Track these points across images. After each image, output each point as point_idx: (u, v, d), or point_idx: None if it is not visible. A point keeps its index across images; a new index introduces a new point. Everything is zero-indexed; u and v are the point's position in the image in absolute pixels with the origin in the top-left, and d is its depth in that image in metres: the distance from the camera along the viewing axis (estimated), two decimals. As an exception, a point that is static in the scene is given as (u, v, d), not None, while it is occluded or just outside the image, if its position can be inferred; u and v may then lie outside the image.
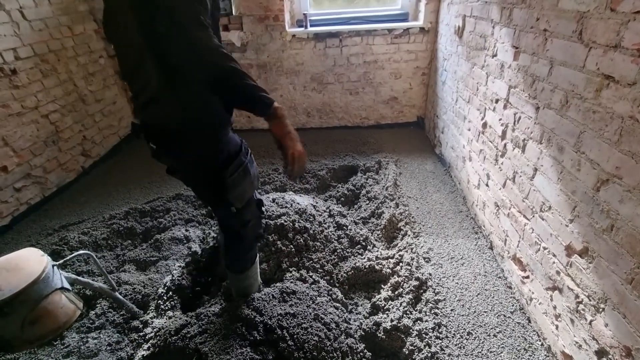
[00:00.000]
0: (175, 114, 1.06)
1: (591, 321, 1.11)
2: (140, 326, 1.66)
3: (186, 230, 2.27)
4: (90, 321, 1.68)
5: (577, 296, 1.18)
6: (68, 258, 1.38)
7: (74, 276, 1.42)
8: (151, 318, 1.68)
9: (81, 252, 1.41)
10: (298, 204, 2.10)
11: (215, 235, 2.18)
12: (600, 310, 1.07)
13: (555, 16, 1.25)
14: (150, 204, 2.52)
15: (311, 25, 3.17)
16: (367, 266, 1.81)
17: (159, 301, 1.74)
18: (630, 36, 0.93)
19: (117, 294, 1.60)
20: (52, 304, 1.25)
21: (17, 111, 2.40)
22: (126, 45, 1.04)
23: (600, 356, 1.07)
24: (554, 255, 1.30)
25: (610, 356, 1.03)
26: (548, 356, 1.37)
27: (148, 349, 1.50)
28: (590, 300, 1.11)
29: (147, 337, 1.58)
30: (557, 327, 1.30)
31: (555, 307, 1.31)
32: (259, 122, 3.51)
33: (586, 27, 1.09)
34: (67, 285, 1.35)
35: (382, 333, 1.50)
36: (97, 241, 2.15)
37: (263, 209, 1.40)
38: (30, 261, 1.25)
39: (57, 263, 1.32)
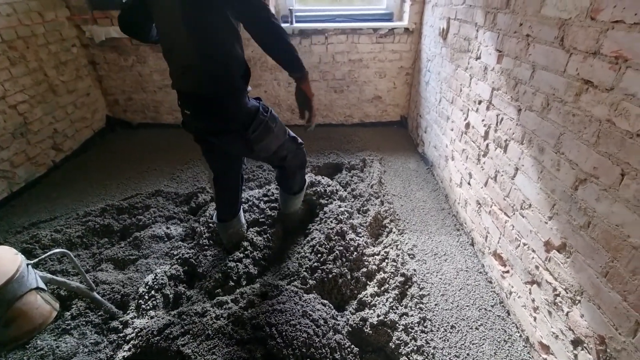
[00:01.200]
0: (211, 85, 1.27)
1: (568, 312, 1.17)
2: (120, 327, 1.59)
3: (167, 228, 2.21)
4: (66, 322, 1.60)
5: (554, 289, 1.24)
6: (43, 257, 1.31)
7: (49, 276, 1.35)
8: (132, 318, 1.62)
9: (57, 250, 1.34)
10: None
11: (211, 213, 2.11)
12: (577, 302, 1.13)
13: (538, 22, 1.31)
14: (128, 201, 2.42)
15: (297, 22, 3.14)
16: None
17: (140, 301, 1.68)
18: (608, 44, 0.98)
19: (95, 293, 1.54)
20: (27, 304, 1.18)
21: (-19, 100, 2.24)
22: (167, 20, 1.24)
23: (575, 345, 1.14)
24: (533, 251, 1.37)
25: (585, 345, 1.10)
26: (526, 347, 1.44)
27: (129, 349, 1.45)
28: (567, 293, 1.18)
29: (127, 338, 1.52)
30: (535, 319, 1.37)
31: (533, 300, 1.38)
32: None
33: (567, 33, 1.15)
34: (42, 285, 1.28)
35: (369, 328, 1.52)
36: (71, 239, 2.05)
37: (299, 141, 1.70)
38: (3, 260, 1.17)
39: (32, 262, 1.25)
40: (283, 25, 3.15)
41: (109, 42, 3.21)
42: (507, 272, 1.57)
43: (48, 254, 1.31)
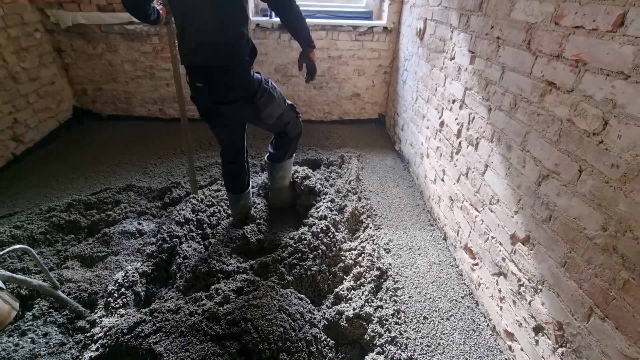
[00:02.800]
0: (226, 57, 1.47)
1: (530, 301, 1.25)
2: (87, 326, 1.53)
3: (139, 224, 2.13)
4: (27, 323, 1.51)
5: (519, 280, 1.31)
6: (1, 253, 1.22)
7: (8, 273, 1.27)
8: (100, 317, 1.56)
9: (17, 246, 1.27)
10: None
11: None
12: (539, 291, 1.20)
13: (508, 25, 1.37)
14: (96, 196, 2.32)
15: (276, 16, 3.10)
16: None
17: (109, 299, 1.61)
18: (570, 48, 1.05)
19: (59, 292, 1.47)
20: (-19, 304, 1.11)
21: None
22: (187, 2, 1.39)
23: (537, 332, 1.21)
24: (501, 244, 1.44)
25: (545, 331, 1.17)
26: (493, 335, 1.51)
27: (97, 349, 1.39)
28: (530, 283, 1.25)
29: (95, 338, 1.46)
30: (501, 308, 1.44)
31: (500, 291, 1.45)
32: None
33: (534, 37, 1.21)
34: (0, 284, 1.20)
35: (345, 321, 1.54)
36: (33, 235, 1.94)
37: (297, 109, 1.90)
38: (-46, 257, 1.09)
39: (-12, 259, 1.17)
40: (262, 18, 3.12)
41: (75, 29, 3.04)
42: (477, 264, 1.65)
43: (7, 250, 1.24)
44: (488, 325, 1.55)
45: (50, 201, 2.27)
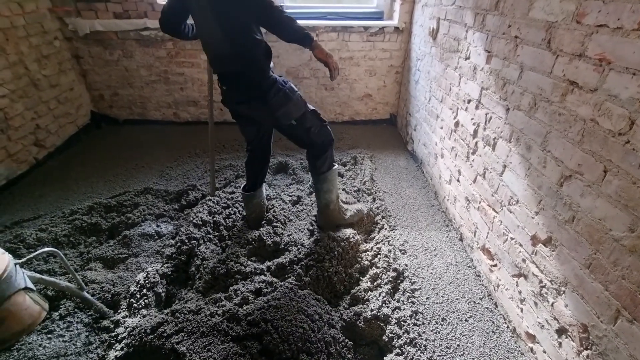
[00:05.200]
0: (240, 64, 1.60)
1: (553, 303, 1.23)
2: (112, 326, 1.57)
3: (157, 226, 2.18)
4: (55, 323, 1.56)
5: (540, 281, 1.30)
6: (32, 255, 1.27)
7: (38, 275, 1.31)
8: (123, 317, 1.60)
9: (46, 249, 1.31)
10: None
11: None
12: (561, 292, 1.19)
13: (526, 24, 1.36)
14: (116, 199, 2.38)
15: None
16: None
17: (132, 299, 1.66)
18: (593, 47, 1.03)
19: (85, 293, 1.51)
20: (15, 305, 1.15)
21: (-42, 94, 2.15)
22: (204, 22, 1.56)
23: (560, 334, 1.20)
24: (520, 245, 1.42)
25: (569, 333, 1.15)
26: (513, 337, 1.50)
27: (122, 349, 1.43)
28: (552, 284, 1.24)
29: (119, 337, 1.50)
30: (521, 310, 1.43)
31: (520, 292, 1.43)
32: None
33: (554, 36, 1.20)
34: (30, 285, 1.25)
35: (362, 322, 1.55)
36: (58, 238, 2.00)
37: (322, 117, 1.88)
38: (-11, 260, 1.14)
39: (20, 261, 1.22)
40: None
41: (93, 36, 3.12)
42: (495, 265, 1.63)
43: (36, 252, 1.28)
44: (508, 327, 1.54)
45: (72, 204, 2.34)
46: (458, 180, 2.04)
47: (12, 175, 2.55)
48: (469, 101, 1.87)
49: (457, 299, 1.68)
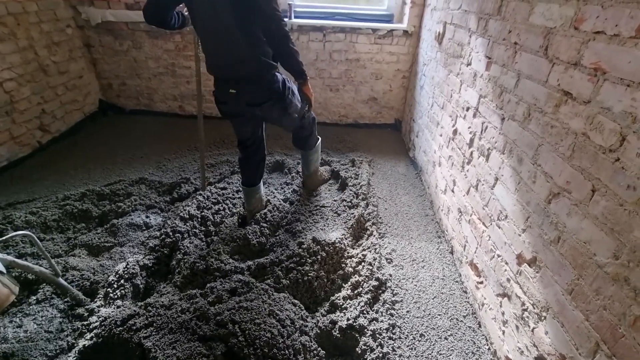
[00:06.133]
0: (253, 68, 1.65)
1: (533, 328, 1.15)
2: (86, 314, 1.56)
3: (146, 217, 2.18)
4: (30, 307, 1.57)
5: (523, 304, 1.21)
6: (4, 238, 1.27)
7: (10, 258, 1.31)
8: (98, 306, 1.59)
9: (20, 232, 1.31)
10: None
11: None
12: (542, 318, 1.11)
13: (526, 30, 1.28)
14: (110, 187, 2.39)
15: (295, 17, 3.11)
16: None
17: (109, 289, 1.65)
18: (589, 55, 0.95)
19: (59, 279, 1.50)
20: (-20, 286, 1.15)
21: (-35, 75, 2.21)
22: (215, 25, 1.55)
23: (538, 362, 1.11)
24: (506, 263, 1.34)
25: (547, 363, 1.07)
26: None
27: (91, 338, 1.42)
28: (534, 308, 1.15)
29: (91, 327, 1.49)
30: (503, 332, 1.34)
31: (503, 313, 1.35)
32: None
33: (552, 43, 1.12)
34: (1, 267, 1.25)
35: (338, 332, 1.49)
36: (47, 222, 2.02)
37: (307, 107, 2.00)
38: (-43, 239, 1.14)
39: (-10, 243, 1.22)
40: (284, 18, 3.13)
41: (104, 25, 3.17)
42: (481, 283, 1.55)
43: (9, 235, 1.28)
44: (489, 349, 1.45)
45: (67, 190, 2.37)
46: (452, 191, 1.96)
47: (13, 157, 2.60)
48: (468, 109, 1.79)
49: (439, 315, 1.60)
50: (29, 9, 2.66)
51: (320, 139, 2.33)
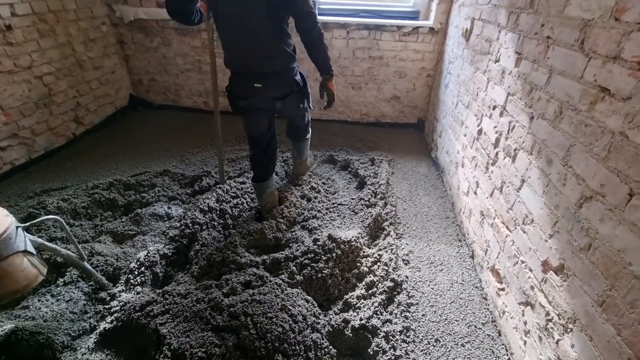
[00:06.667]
0: (281, 62, 1.71)
1: (558, 340, 1.08)
2: (108, 298, 1.63)
3: (168, 208, 2.24)
4: (58, 288, 1.65)
5: (547, 314, 1.14)
6: (35, 221, 1.34)
7: (40, 240, 1.38)
8: (119, 291, 1.65)
9: (49, 217, 1.38)
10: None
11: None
12: (569, 330, 1.03)
13: (560, 23, 1.20)
14: (136, 178, 2.48)
15: (320, 14, 3.10)
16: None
17: (130, 275, 1.71)
18: (630, 47, 0.88)
19: (85, 263, 1.57)
20: (12, 265, 1.22)
21: (8, 69, 2.36)
22: (244, 21, 1.58)
23: (562, 377, 1.04)
24: (531, 270, 1.27)
25: (572, 378, 1.00)
26: (513, 371, 1.34)
27: (111, 322, 1.48)
28: (559, 319, 1.08)
29: (112, 310, 1.55)
30: (525, 343, 1.27)
31: (525, 323, 1.28)
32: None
33: (589, 35, 1.04)
34: (31, 249, 1.31)
35: (350, 331, 1.47)
36: (77, 209, 2.12)
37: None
38: (-7, 220, 1.21)
39: (23, 225, 1.29)
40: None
41: (137, 23, 3.30)
42: (503, 289, 1.47)
43: (40, 219, 1.35)
44: (509, 359, 1.38)
45: (96, 179, 2.48)
46: (475, 193, 1.88)
47: (50, 147, 2.76)
48: (494, 107, 1.71)
49: (456, 320, 1.54)
50: (68, 7, 2.81)
51: (309, 137, 2.44)
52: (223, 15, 1.60)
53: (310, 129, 2.37)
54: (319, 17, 3.01)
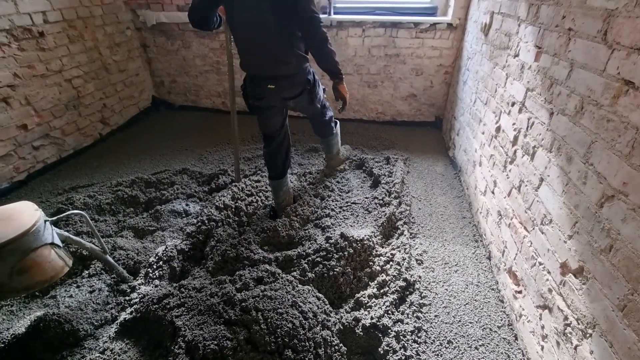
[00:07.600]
0: (293, 66, 1.75)
1: (577, 346, 1.03)
2: (128, 290, 1.70)
3: (186, 205, 2.31)
4: (84, 279, 1.74)
5: (566, 318, 1.09)
6: (61, 215, 1.42)
7: (66, 234, 1.46)
8: (139, 284, 1.72)
9: (75, 211, 1.45)
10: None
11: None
12: (588, 335, 0.99)
13: (582, 14, 1.15)
14: (156, 176, 2.57)
15: (335, 13, 3.10)
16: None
17: (149, 269, 1.78)
18: (656, 38, 0.83)
19: (107, 256, 1.65)
20: (40, 257, 1.29)
21: (41, 73, 2.50)
22: (257, 29, 1.64)
23: (580, 384, 1.00)
24: (549, 272, 1.22)
25: (590, 385, 0.95)
26: (529, 377, 1.29)
27: (130, 313, 1.54)
28: (578, 324, 1.03)
29: (132, 302, 1.62)
30: (542, 347, 1.22)
31: (543, 327, 1.23)
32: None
33: (612, 26, 0.99)
34: (57, 241, 1.39)
35: (361, 330, 1.47)
36: (101, 205, 2.22)
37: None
38: (24, 214, 1.30)
39: (51, 219, 1.37)
40: (321, 16, 3.13)
41: (159, 26, 3.42)
42: (520, 292, 1.42)
43: (66, 213, 1.43)
44: (526, 364, 1.33)
45: (120, 177, 2.59)
46: (493, 192, 1.83)
47: (78, 146, 2.91)
48: (513, 104, 1.66)
49: (470, 323, 1.50)
50: (95, 13, 2.95)
51: (338, 122, 2.48)
52: (237, 22, 1.66)
53: (335, 125, 2.40)
54: (334, 16, 3.04)
